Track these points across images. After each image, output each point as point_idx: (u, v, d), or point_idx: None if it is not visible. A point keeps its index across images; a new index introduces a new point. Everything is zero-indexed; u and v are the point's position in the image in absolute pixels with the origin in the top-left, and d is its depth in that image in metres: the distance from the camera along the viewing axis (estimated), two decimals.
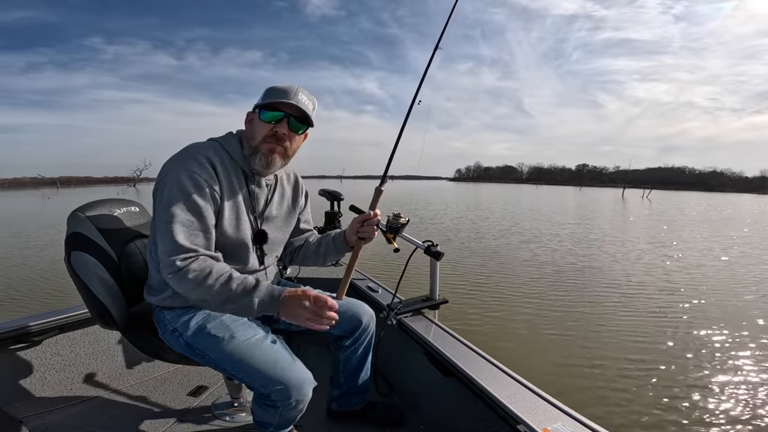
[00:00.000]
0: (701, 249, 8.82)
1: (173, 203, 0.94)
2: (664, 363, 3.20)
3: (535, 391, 1.04)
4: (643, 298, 4.95)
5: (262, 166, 1.06)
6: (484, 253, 7.59)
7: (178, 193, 0.95)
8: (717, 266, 6.98)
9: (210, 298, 0.92)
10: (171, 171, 0.97)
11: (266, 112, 1.02)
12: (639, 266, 6.82)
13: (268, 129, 1.03)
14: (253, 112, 1.07)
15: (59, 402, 1.47)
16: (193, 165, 0.98)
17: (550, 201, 28.60)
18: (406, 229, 1.25)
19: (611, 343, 3.59)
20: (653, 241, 9.75)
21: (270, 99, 1.02)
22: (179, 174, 0.96)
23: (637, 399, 2.71)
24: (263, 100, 1.03)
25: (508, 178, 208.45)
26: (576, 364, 3.17)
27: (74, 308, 1.59)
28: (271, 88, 1.04)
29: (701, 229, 13.15)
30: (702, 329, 3.90)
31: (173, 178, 0.96)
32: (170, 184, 0.96)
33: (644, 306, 4.63)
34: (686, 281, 5.83)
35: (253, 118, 1.06)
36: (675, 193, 69.25)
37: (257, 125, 1.04)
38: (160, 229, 0.94)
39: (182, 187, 0.95)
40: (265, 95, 1.03)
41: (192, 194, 0.95)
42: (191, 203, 0.95)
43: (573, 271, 6.22)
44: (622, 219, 16.40)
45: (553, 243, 8.96)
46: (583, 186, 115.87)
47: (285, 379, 0.96)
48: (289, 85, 1.03)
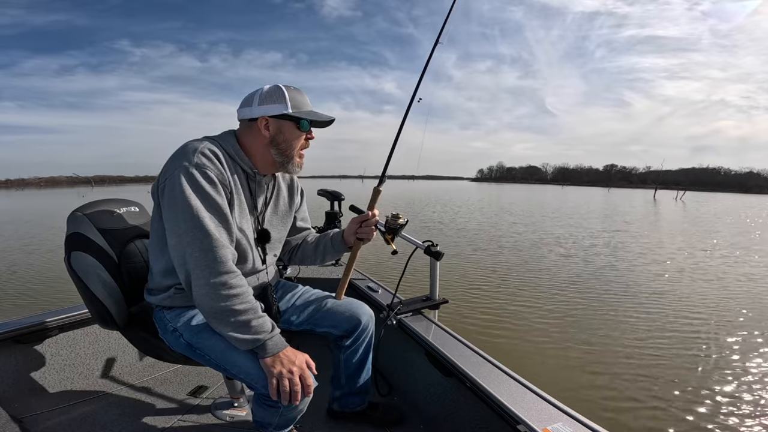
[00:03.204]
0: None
1: (191, 206, 0.90)
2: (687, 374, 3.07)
3: (535, 391, 1.04)
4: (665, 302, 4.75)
5: (295, 171, 1.11)
6: (484, 253, 7.58)
7: (194, 194, 0.91)
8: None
9: (227, 319, 0.91)
10: (179, 169, 0.93)
11: (306, 123, 1.06)
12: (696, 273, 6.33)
13: (302, 138, 1.08)
14: (278, 118, 1.04)
15: (59, 402, 1.47)
16: (202, 161, 0.94)
17: (582, 203, 27.01)
18: (405, 229, 1.26)
19: (616, 345, 3.55)
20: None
21: (309, 113, 1.06)
22: (190, 171, 0.92)
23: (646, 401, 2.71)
24: (295, 109, 1.04)
25: (532, 178, 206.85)
26: (592, 371, 3.10)
27: (74, 308, 1.59)
28: (292, 96, 1.05)
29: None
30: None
31: (185, 177, 0.92)
32: (182, 184, 0.91)
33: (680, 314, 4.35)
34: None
35: (281, 125, 1.05)
36: (711, 195, 64.63)
37: (292, 134, 1.06)
38: (183, 237, 0.91)
39: (197, 185, 0.92)
40: (293, 103, 1.04)
41: (210, 192, 0.93)
42: (213, 204, 0.93)
43: (625, 279, 5.79)
44: (673, 224, 14.46)
45: (586, 249, 8.26)
46: (612, 187, 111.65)
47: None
48: (304, 93, 1.08)
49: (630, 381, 2.93)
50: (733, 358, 3.37)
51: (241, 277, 0.95)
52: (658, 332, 3.85)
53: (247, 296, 0.94)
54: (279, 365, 0.91)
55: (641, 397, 2.74)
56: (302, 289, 1.30)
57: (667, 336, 3.77)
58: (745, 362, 3.28)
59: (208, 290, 0.90)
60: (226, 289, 0.91)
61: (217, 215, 0.94)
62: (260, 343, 0.92)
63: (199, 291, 0.91)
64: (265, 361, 0.92)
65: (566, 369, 3.12)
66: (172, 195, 0.92)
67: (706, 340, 3.71)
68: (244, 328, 0.92)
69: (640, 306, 4.62)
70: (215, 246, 0.91)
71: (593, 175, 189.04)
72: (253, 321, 0.92)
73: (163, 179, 0.96)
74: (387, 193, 1.15)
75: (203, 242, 0.91)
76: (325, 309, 1.24)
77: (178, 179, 0.92)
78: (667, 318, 4.25)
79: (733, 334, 3.87)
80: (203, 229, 0.91)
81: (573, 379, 2.96)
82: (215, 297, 0.90)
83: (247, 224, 1.07)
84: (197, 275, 0.90)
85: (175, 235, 0.92)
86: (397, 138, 1.27)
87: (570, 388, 2.81)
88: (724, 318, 4.31)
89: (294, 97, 1.05)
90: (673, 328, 3.97)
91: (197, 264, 0.90)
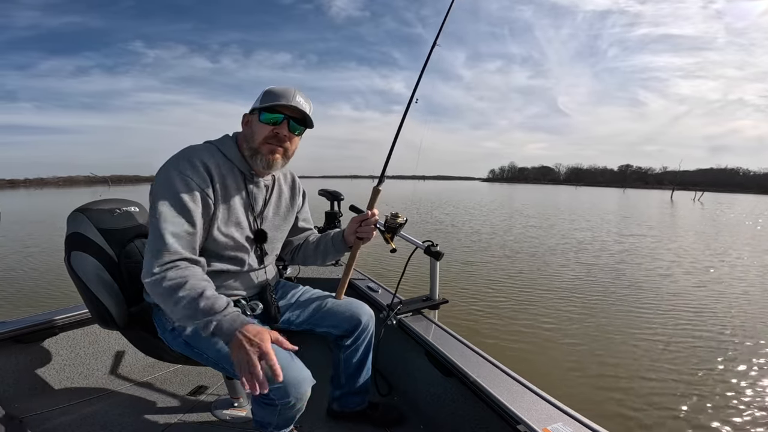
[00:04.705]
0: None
1: (161, 205, 0.94)
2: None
3: (535, 391, 1.04)
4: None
5: (263, 167, 1.07)
6: (485, 251, 7.58)
7: (167, 195, 0.96)
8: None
9: (175, 309, 0.89)
10: (164, 173, 0.99)
11: (266, 114, 1.04)
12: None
13: (268, 131, 1.04)
14: (250, 114, 1.08)
15: (59, 402, 1.47)
16: (185, 167, 0.99)
17: (597, 203, 25.96)
18: (404, 229, 1.26)
19: (625, 349, 3.47)
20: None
21: (269, 101, 1.03)
22: (171, 175, 0.97)
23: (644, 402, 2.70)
24: (261, 102, 1.04)
25: (545, 179, 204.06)
26: (597, 375, 3.05)
27: (74, 308, 1.60)
28: (268, 91, 1.04)
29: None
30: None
31: (165, 180, 0.97)
32: (162, 186, 0.97)
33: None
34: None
35: (250, 120, 1.07)
36: (730, 196, 60.18)
37: (257, 127, 1.05)
38: (150, 230, 0.96)
39: (172, 188, 0.96)
40: (263, 98, 1.04)
41: (181, 195, 0.96)
42: (180, 205, 0.96)
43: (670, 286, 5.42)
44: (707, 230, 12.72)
45: (595, 253, 7.82)
46: (627, 187, 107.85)
47: (283, 378, 0.95)
48: (286, 88, 1.05)
49: (653, 386, 2.84)
50: (750, 373, 3.08)
51: (186, 268, 0.93)
52: (678, 337, 3.71)
53: (191, 283, 0.90)
54: (236, 347, 0.84)
55: (662, 401, 2.68)
56: (302, 289, 1.30)
57: (683, 341, 3.64)
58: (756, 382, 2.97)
59: (153, 289, 0.91)
60: (166, 281, 0.90)
61: (183, 215, 0.95)
62: (212, 326, 0.87)
63: (151, 291, 0.92)
64: (230, 346, 0.87)
65: (567, 369, 3.11)
66: (152, 197, 0.99)
67: (721, 347, 3.55)
68: (193, 313, 0.88)
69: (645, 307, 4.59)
70: (163, 249, 0.92)
71: (608, 176, 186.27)
72: (201, 303, 0.88)
73: (154, 181, 1.01)
74: (396, 194, 1.12)
75: (154, 245, 0.93)
76: (325, 309, 1.24)
77: (158, 183, 0.98)
78: (679, 322, 4.10)
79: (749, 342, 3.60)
80: (158, 232, 0.93)
81: (574, 379, 2.95)
82: (161, 293, 0.90)
83: (243, 225, 1.08)
84: (144, 274, 0.92)
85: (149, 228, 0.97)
86: (395, 139, 1.27)
87: (571, 388, 2.81)
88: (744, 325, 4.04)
89: (273, 92, 1.04)
90: (691, 333, 3.82)
91: (146, 265, 0.92)
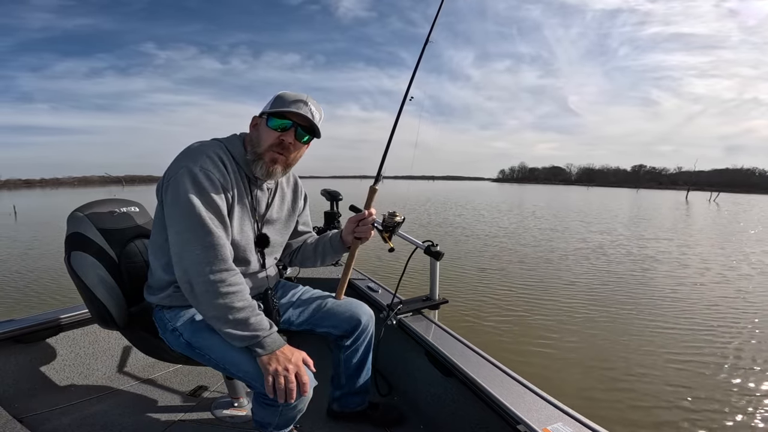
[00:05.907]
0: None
1: (194, 205, 0.92)
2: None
3: (535, 391, 1.04)
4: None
5: (262, 175, 1.05)
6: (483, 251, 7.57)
7: (197, 194, 0.93)
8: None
9: (222, 313, 0.91)
10: (184, 169, 0.94)
11: (274, 119, 1.02)
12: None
13: (274, 137, 1.02)
14: (259, 117, 1.06)
15: (59, 402, 1.46)
16: (207, 163, 0.97)
17: (610, 204, 25.14)
18: (402, 228, 1.26)
19: (624, 349, 3.47)
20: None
21: (279, 107, 1.01)
22: (194, 172, 0.94)
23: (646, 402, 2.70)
24: (272, 107, 1.02)
25: (556, 179, 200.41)
26: (600, 372, 3.06)
27: (74, 308, 1.60)
28: (280, 96, 1.03)
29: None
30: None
31: (188, 178, 0.94)
32: (186, 184, 0.93)
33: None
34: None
35: (259, 123, 1.06)
36: (745, 197, 58.62)
37: (264, 132, 1.03)
38: (183, 234, 0.92)
39: (200, 187, 0.94)
40: (274, 102, 1.03)
41: (212, 194, 0.95)
42: (213, 205, 0.94)
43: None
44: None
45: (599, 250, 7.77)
46: (640, 188, 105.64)
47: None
48: (298, 94, 1.03)
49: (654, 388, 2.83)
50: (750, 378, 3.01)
51: (240, 276, 0.96)
52: (688, 339, 3.66)
53: (245, 294, 0.95)
54: (275, 362, 0.91)
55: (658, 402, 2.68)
56: (302, 289, 1.30)
57: (691, 343, 3.60)
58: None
59: (208, 287, 0.91)
60: (226, 286, 0.92)
61: (217, 216, 0.95)
62: (258, 341, 0.92)
63: (199, 288, 0.92)
64: (261, 359, 0.92)
65: (567, 369, 3.12)
66: (175, 193, 0.94)
67: (727, 347, 3.50)
68: (242, 325, 0.92)
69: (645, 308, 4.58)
70: (216, 244, 0.93)
71: (621, 176, 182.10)
72: (252, 318, 0.93)
73: (167, 178, 0.98)
74: (407, 194, 1.11)
75: (204, 240, 0.92)
76: (325, 309, 1.24)
77: (182, 179, 0.94)
78: (693, 324, 4.03)
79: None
80: (205, 227, 0.92)
81: (574, 380, 2.96)
82: (214, 294, 0.91)
83: (247, 228, 1.08)
84: (197, 271, 0.91)
85: (175, 232, 0.94)
86: (391, 137, 1.28)
87: (571, 388, 2.81)
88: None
89: (284, 98, 1.02)
90: (699, 336, 3.77)
91: (198, 260, 0.91)
